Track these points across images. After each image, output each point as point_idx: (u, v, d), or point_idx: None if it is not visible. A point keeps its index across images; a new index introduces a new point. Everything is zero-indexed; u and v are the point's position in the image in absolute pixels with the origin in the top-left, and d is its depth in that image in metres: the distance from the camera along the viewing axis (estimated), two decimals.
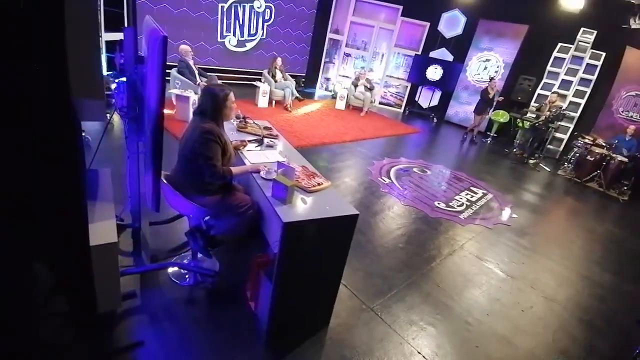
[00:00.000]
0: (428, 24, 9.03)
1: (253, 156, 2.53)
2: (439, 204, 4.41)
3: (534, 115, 7.14)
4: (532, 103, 7.87)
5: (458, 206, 4.47)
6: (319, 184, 2.27)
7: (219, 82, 5.94)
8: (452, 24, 8.91)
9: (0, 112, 1.00)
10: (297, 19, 9.04)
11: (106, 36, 5.49)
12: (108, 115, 2.67)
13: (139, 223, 2.51)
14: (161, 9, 6.82)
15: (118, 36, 5.62)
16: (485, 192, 5.12)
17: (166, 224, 2.82)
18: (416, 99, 9.67)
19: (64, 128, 1.13)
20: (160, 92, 1.50)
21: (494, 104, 7.76)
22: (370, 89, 8.31)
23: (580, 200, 5.82)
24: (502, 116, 8.16)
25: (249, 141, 2.72)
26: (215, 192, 2.19)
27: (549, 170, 6.95)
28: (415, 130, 8.07)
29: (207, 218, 2.51)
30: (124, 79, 1.91)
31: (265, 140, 2.82)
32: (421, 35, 9.18)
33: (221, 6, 7.66)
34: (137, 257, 2.53)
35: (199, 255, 2.49)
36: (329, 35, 9.54)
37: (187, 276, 2.46)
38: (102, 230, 1.55)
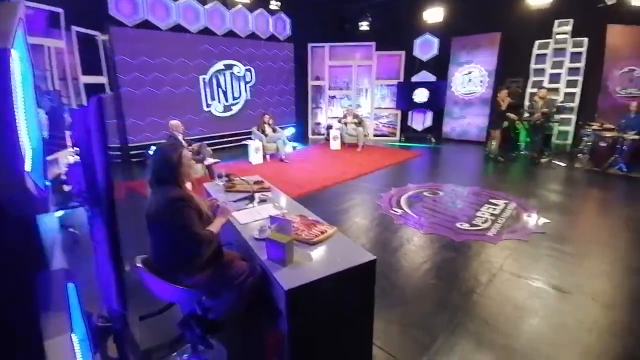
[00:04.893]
0: (403, 52, 9.23)
1: (243, 216, 2.26)
2: (461, 224, 4.02)
3: (529, 114, 6.92)
4: (526, 102, 7.70)
5: (483, 223, 4.06)
6: (322, 232, 1.96)
7: (209, 149, 5.88)
8: (426, 47, 9.10)
9: None
10: (277, 75, 9.31)
11: None
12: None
13: (120, 323, 2.16)
14: (145, 92, 7.02)
15: None
16: (506, 201, 4.72)
17: (159, 315, 2.47)
18: (409, 123, 9.60)
19: None
20: (105, 161, 1.27)
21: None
22: (360, 123, 8.26)
23: (607, 189, 5.37)
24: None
25: (239, 200, 2.48)
26: (204, 266, 1.88)
27: (564, 165, 6.56)
28: (416, 154, 7.85)
29: (203, 299, 2.17)
30: (76, 158, 1.71)
31: (257, 195, 2.57)
32: (399, 64, 9.35)
33: (202, 78, 7.91)
34: None
35: (200, 347, 2.11)
36: (311, 83, 9.77)
37: None
38: (58, 349, 1.23)
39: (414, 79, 9.27)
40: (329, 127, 8.99)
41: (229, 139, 8.48)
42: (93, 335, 1.75)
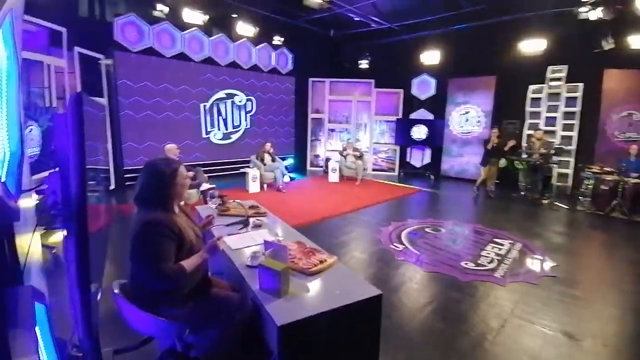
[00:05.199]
0: (401, 90, 9.45)
1: (236, 241, 2.05)
2: (466, 264, 3.79)
3: (527, 156, 6.94)
4: (523, 144, 7.76)
5: (489, 263, 3.84)
6: (321, 262, 1.76)
7: (205, 175, 5.72)
8: (424, 87, 9.33)
9: None
10: (278, 106, 9.41)
11: None
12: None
13: (93, 356, 1.87)
14: (145, 116, 6.99)
15: None
16: (511, 242, 4.53)
17: (135, 350, 2.17)
18: (408, 160, 9.60)
19: None
20: (80, 169, 1.10)
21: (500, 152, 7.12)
22: (360, 157, 8.23)
23: (609, 233, 5.23)
24: (501, 162, 7.95)
25: (232, 224, 2.28)
26: (185, 298, 1.64)
27: (567, 207, 6.45)
28: (415, 190, 7.74)
29: (186, 333, 1.90)
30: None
31: (251, 220, 2.37)
32: (397, 101, 9.54)
33: (203, 105, 7.94)
34: None
35: None
36: (311, 115, 9.86)
37: None
38: None
39: (413, 116, 9.40)
40: (328, 160, 8.94)
41: (227, 166, 8.37)
42: None
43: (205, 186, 5.31)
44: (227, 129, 8.43)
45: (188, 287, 1.63)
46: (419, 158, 9.50)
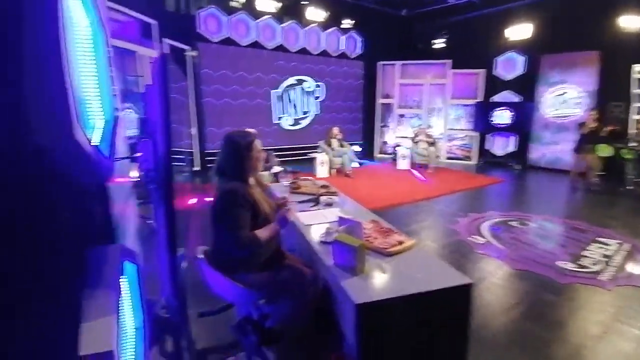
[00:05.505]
0: (483, 71, 8.56)
1: (308, 217, 2.01)
2: (565, 264, 3.28)
3: (636, 144, 5.78)
4: (629, 130, 6.50)
5: (593, 264, 3.27)
6: (399, 243, 1.62)
7: (276, 159, 5.88)
8: (509, 65, 8.31)
9: None
10: (346, 91, 9.27)
11: None
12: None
13: (178, 317, 2.01)
14: (223, 103, 7.45)
15: None
16: (619, 242, 3.81)
17: (217, 315, 2.28)
18: (488, 147, 8.73)
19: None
20: (165, 124, 1.11)
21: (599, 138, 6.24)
22: (433, 144, 7.71)
23: None
24: (605, 150, 6.77)
25: (304, 202, 2.24)
26: (261, 266, 1.65)
27: None
28: (497, 180, 7.00)
29: (261, 302, 1.92)
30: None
31: (323, 198, 2.31)
32: (477, 82, 8.68)
33: (274, 92, 8.17)
34: None
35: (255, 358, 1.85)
36: (380, 100, 9.53)
37: None
38: (95, 331, 1.05)
39: (495, 99, 8.47)
40: (397, 146, 8.58)
41: (296, 151, 8.54)
42: (153, 326, 1.60)
43: (276, 169, 5.46)
44: (296, 115, 8.58)
45: (263, 256, 1.65)
46: (502, 146, 8.57)
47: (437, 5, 8.53)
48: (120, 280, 1.29)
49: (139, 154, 1.96)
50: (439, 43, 8.87)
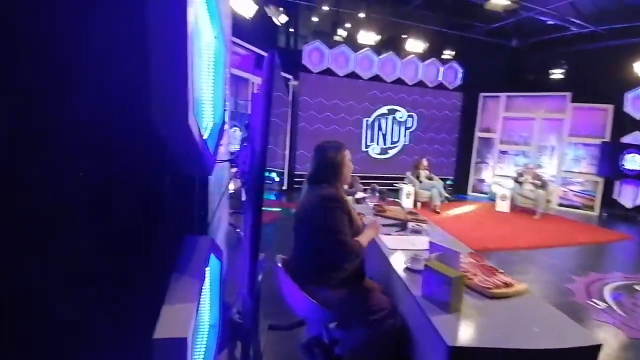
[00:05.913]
0: (611, 107, 7.28)
1: (393, 241, 1.85)
2: None
3: None
4: None
5: None
6: (506, 284, 1.35)
7: (361, 185, 5.81)
8: None
9: None
10: (441, 122, 8.86)
11: None
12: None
13: (251, 323, 2.00)
14: (316, 129, 7.82)
15: None
16: None
17: (287, 330, 2.23)
18: (615, 196, 7.24)
19: None
20: (264, 130, 1.13)
21: None
22: (542, 187, 6.70)
23: None
24: None
25: (388, 225, 2.09)
26: (340, 283, 1.55)
27: None
28: (623, 236, 5.71)
29: (332, 325, 1.81)
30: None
31: (410, 224, 2.13)
32: (603, 119, 7.39)
33: (365, 120, 8.27)
34: None
35: None
36: (478, 134, 8.82)
37: None
38: (173, 317, 1.07)
39: (626, 139, 7.07)
40: (496, 185, 7.73)
41: (382, 180, 8.35)
42: (226, 328, 1.63)
43: (360, 194, 5.38)
44: (385, 144, 8.49)
45: (348, 271, 1.55)
46: (632, 196, 7.02)
47: (553, 34, 7.71)
48: (205, 270, 1.32)
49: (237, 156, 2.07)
50: (556, 73, 7.91)
